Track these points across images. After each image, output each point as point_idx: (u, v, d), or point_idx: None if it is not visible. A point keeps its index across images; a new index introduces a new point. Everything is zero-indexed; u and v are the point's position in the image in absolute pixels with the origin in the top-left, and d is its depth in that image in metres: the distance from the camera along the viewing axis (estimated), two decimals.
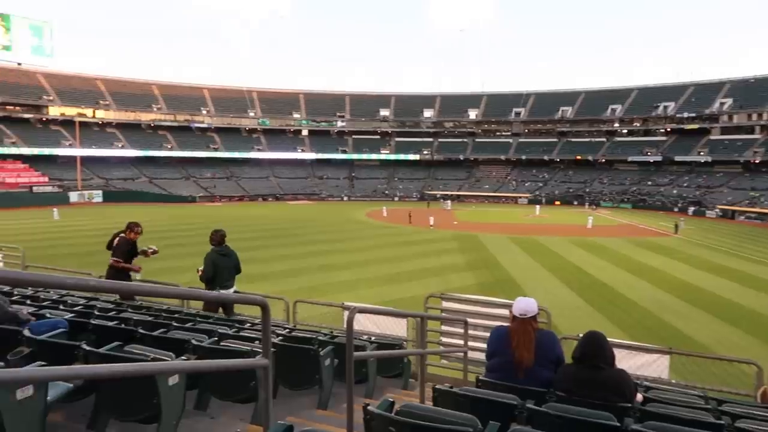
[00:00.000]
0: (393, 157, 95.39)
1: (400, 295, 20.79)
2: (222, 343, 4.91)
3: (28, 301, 6.91)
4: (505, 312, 8.37)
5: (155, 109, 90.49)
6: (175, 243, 32.23)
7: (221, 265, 8.98)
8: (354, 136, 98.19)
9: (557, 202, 78.25)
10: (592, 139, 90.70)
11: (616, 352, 4.16)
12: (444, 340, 8.97)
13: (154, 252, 9.35)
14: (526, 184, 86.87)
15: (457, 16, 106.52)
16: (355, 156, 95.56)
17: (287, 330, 7.08)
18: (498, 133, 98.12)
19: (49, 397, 3.11)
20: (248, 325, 7.01)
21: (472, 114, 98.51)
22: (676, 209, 66.65)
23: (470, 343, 8.07)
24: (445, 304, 9.31)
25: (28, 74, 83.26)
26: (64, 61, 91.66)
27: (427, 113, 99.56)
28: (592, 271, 27.54)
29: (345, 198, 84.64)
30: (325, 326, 9.42)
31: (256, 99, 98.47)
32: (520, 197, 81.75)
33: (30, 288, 7.47)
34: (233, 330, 5.99)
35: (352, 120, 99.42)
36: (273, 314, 3.46)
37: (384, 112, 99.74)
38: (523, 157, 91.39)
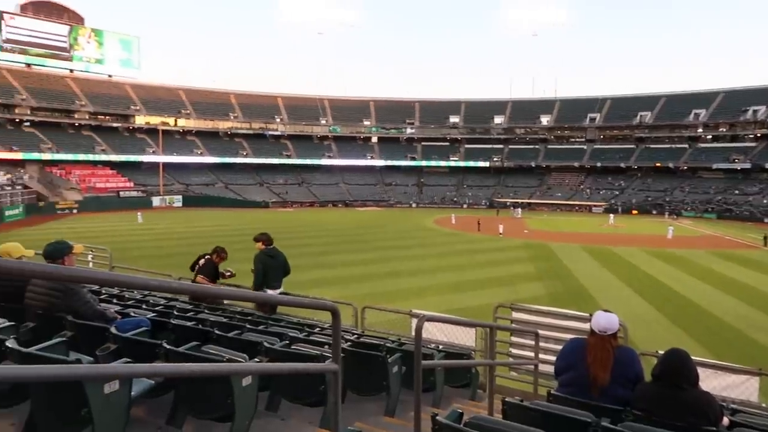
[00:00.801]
0: (462, 164, 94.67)
1: (468, 303, 20.55)
2: (293, 347, 5.01)
3: (115, 300, 7.32)
4: (577, 325, 8.10)
5: (232, 118, 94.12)
6: (246, 247, 33.27)
7: (270, 266, 9.21)
8: (423, 143, 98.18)
9: (634, 211, 75.02)
10: (673, 146, 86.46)
11: (700, 371, 3.92)
12: (513, 351, 8.78)
13: (232, 275, 9.73)
14: (601, 192, 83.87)
15: (529, 21, 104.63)
16: (423, 163, 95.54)
17: (356, 336, 7.14)
18: (571, 140, 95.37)
19: (133, 393, 3.28)
20: (318, 329, 7.13)
21: (545, 120, 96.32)
22: (766, 220, 62.39)
23: (541, 356, 7.86)
24: (515, 315, 9.12)
25: (118, 86, 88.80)
26: (150, 73, 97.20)
27: (498, 119, 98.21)
28: (672, 284, 26.20)
29: (413, 205, 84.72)
30: (392, 333, 9.44)
31: (328, 107, 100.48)
32: (595, 206, 78.98)
33: (116, 288, 7.90)
34: (303, 334, 6.10)
35: (421, 127, 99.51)
36: (342, 319, 3.50)
37: (454, 119, 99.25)
38: (598, 164, 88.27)
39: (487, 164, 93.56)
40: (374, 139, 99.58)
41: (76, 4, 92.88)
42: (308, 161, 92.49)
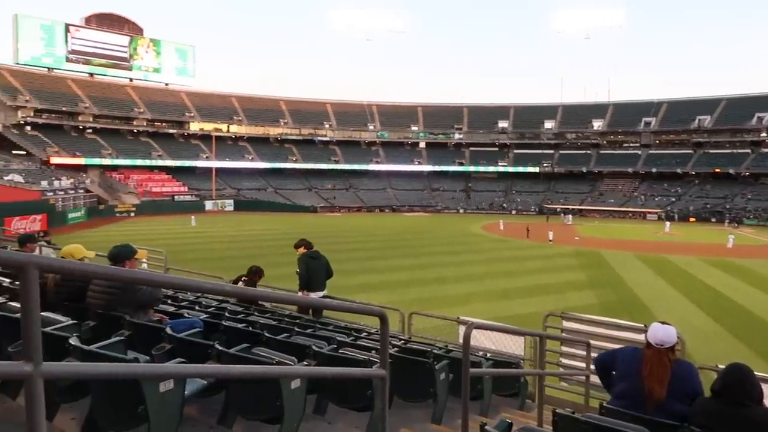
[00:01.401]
0: (511, 169, 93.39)
1: (516, 311, 20.23)
2: (340, 351, 5.04)
3: (169, 301, 7.57)
4: (631, 336, 7.87)
5: (282, 124, 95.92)
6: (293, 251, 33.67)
7: (312, 268, 9.33)
8: (471, 149, 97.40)
9: (692, 219, 72.20)
10: (735, 151, 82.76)
11: (764, 387, 3.74)
12: (564, 361, 8.58)
13: None
14: (656, 199, 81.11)
15: (582, 23, 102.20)
16: (471, 168, 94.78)
17: (403, 341, 7.14)
18: (625, 145, 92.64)
19: (186, 392, 3.37)
20: (365, 334, 7.15)
21: (597, 124, 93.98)
22: None
23: (593, 367, 7.64)
24: (566, 324, 8.91)
25: (174, 93, 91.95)
26: (204, 81, 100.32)
27: (548, 124, 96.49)
28: (732, 295, 25.07)
29: (461, 210, 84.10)
30: (439, 339, 9.38)
31: (376, 112, 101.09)
32: (649, 213, 76.40)
33: (172, 289, 8.13)
34: (351, 338, 6.14)
35: (469, 132, 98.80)
36: (389, 325, 3.50)
37: (503, 124, 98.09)
38: (653, 170, 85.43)
39: (536, 170, 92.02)
40: (422, 145, 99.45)
41: (136, 16, 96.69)
42: (356, 166, 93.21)
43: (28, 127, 73.81)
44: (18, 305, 4.29)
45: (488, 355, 7.81)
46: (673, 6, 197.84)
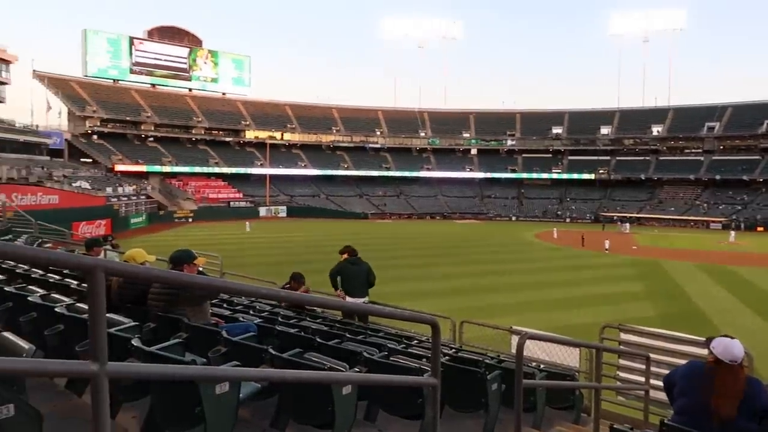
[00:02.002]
0: (565, 176, 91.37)
1: (570, 322, 19.70)
2: (391, 358, 5.04)
3: (225, 305, 7.76)
4: (693, 350, 7.53)
5: (334, 132, 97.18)
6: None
7: (350, 274, 9.37)
8: (524, 155, 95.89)
9: (759, 228, 68.62)
10: None
11: None
12: (621, 375, 8.29)
13: None
14: (720, 207, 77.58)
15: (640, 26, 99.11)
16: (524, 175, 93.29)
17: (454, 350, 7.08)
18: (686, 151, 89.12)
19: (241, 395, 3.44)
20: (415, 341, 7.13)
21: (656, 130, 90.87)
22: None
23: (653, 381, 7.36)
24: (624, 336, 8.62)
25: (230, 102, 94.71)
26: (259, 90, 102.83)
27: (604, 130, 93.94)
28: None
29: (513, 218, 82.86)
30: (491, 349, 9.25)
31: (427, 119, 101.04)
32: (712, 221, 73.10)
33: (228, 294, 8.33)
34: (402, 346, 6.13)
35: (522, 138, 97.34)
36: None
37: (556, 130, 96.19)
38: (717, 177, 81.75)
39: (592, 176, 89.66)
40: (473, 151, 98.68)
41: (196, 28, 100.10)
42: (407, 173, 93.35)
43: (95, 137, 77.58)
44: (85, 306, 4.50)
45: (542, 366, 7.64)
46: (737, 5, 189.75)
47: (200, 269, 5.83)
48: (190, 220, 65.76)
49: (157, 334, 4.64)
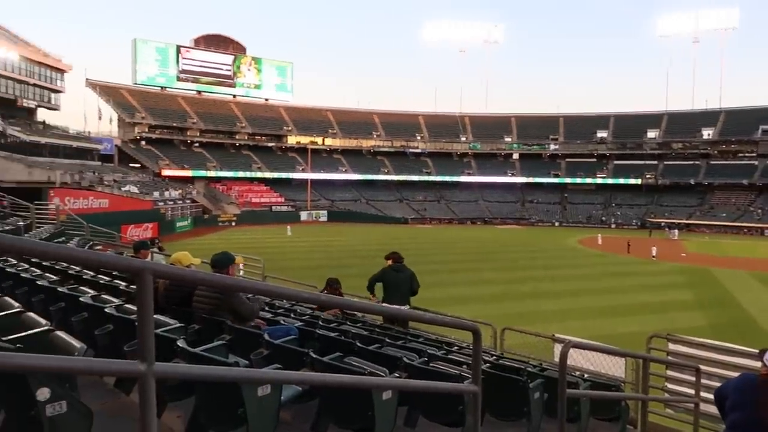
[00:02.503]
0: (610, 181, 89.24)
1: (614, 330, 19.20)
2: (431, 364, 5.00)
3: (266, 308, 7.86)
4: (746, 362, 7.23)
5: (375, 136, 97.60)
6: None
7: (392, 281, 9.29)
8: (567, 159, 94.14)
9: None
10: None
11: None
12: (669, 386, 8.02)
13: None
14: None
15: (689, 26, 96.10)
16: (568, 180, 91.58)
17: (495, 357, 6.98)
18: (739, 155, 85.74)
19: (282, 397, 3.47)
20: (456, 348, 7.07)
21: (707, 133, 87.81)
22: None
23: (703, 394, 7.09)
24: (672, 347, 8.34)
25: (273, 108, 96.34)
26: (300, 96, 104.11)
27: (651, 133, 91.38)
28: None
29: (556, 223, 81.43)
30: (533, 357, 9.09)
31: (468, 124, 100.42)
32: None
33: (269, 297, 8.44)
34: (442, 352, 6.08)
35: (565, 143, 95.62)
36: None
37: (601, 134, 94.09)
38: None
39: (638, 181, 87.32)
40: (515, 156, 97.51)
41: (240, 35, 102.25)
42: (447, 178, 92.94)
43: (143, 142, 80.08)
44: (133, 308, 4.63)
45: (586, 375, 7.46)
46: None
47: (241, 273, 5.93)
48: (233, 224, 67.03)
49: (201, 336, 4.73)
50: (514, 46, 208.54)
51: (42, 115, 68.63)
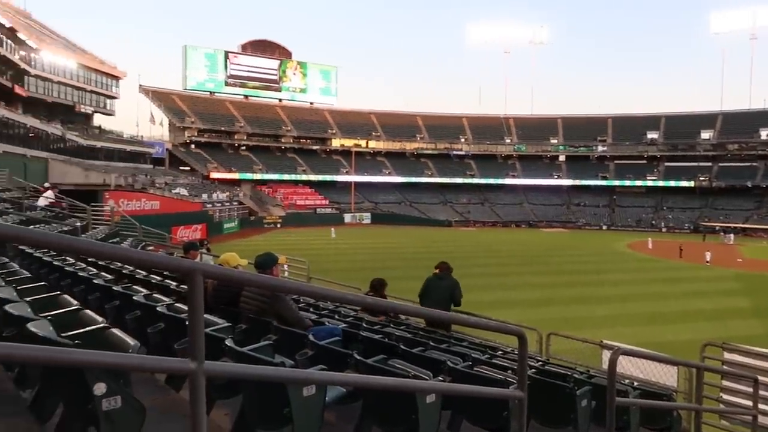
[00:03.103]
0: (661, 183, 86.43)
1: (666, 338, 18.61)
2: (476, 369, 4.96)
3: (311, 309, 7.95)
4: None
5: (418, 139, 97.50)
6: (426, 265, 33.76)
7: (430, 290, 9.27)
8: (616, 161, 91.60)
9: None
10: None
11: None
12: (725, 397, 7.71)
13: None
14: None
15: (746, 22, 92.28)
16: (616, 182, 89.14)
17: (540, 363, 6.86)
18: None
19: (327, 398, 3.50)
20: (500, 352, 6.98)
21: (765, 134, 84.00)
22: None
23: (761, 406, 6.79)
24: (728, 356, 8.01)
25: (317, 112, 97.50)
26: (344, 99, 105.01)
27: (705, 134, 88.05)
28: None
29: (603, 227, 79.46)
30: (579, 363, 8.89)
31: (513, 126, 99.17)
32: None
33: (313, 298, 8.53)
34: (486, 356, 6.02)
35: (614, 144, 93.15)
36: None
37: (652, 135, 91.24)
38: None
39: (691, 184, 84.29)
40: (561, 158, 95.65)
41: (286, 40, 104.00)
42: (491, 181, 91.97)
43: (193, 146, 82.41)
44: (183, 307, 4.76)
45: (635, 384, 7.24)
46: None
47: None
48: (279, 225, 68.07)
49: (248, 335, 4.82)
50: (560, 47, 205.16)
51: (98, 120, 71.50)
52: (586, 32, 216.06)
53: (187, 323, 1.85)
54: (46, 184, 25.21)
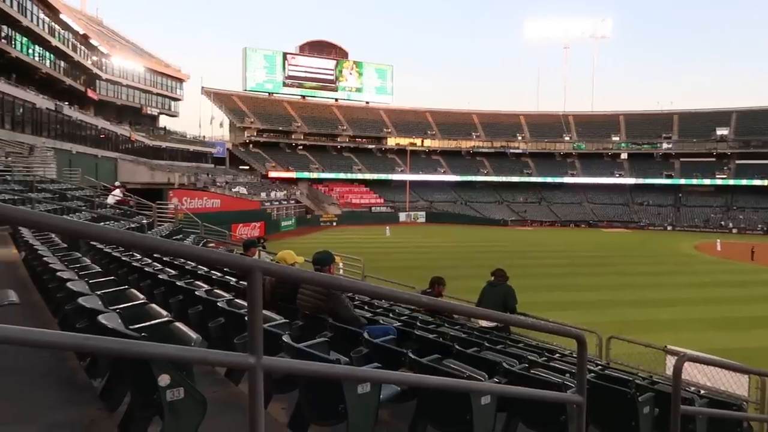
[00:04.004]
0: (732, 182, 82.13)
1: (734, 344, 17.70)
2: (532, 371, 4.87)
3: (366, 307, 8.01)
4: None
5: (474, 137, 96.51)
6: (482, 264, 33.33)
7: (483, 296, 9.15)
8: (682, 159, 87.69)
9: None
10: None
11: None
12: None
13: None
14: None
15: None
16: (682, 181, 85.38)
17: (600, 367, 6.67)
18: None
19: (381, 396, 3.51)
20: (558, 355, 6.83)
21: None
22: None
23: None
24: None
25: (373, 111, 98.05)
26: (400, 98, 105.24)
27: None
28: None
29: (668, 227, 76.38)
30: (642, 368, 8.58)
31: (572, 123, 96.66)
32: None
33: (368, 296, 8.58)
34: (543, 359, 5.90)
35: (680, 141, 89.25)
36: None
37: (721, 131, 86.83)
38: None
39: (765, 182, 79.66)
40: (623, 156, 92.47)
41: (342, 40, 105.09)
42: (549, 179, 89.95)
43: (252, 146, 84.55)
44: (242, 302, 4.89)
45: (702, 392, 6.92)
46: None
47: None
48: (334, 224, 68.89)
49: (305, 332, 4.90)
50: (622, 41, 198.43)
51: (163, 121, 74.45)
52: (650, 24, 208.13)
53: (246, 319, 1.90)
54: (116, 183, 26.42)
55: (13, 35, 38.85)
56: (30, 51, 41.89)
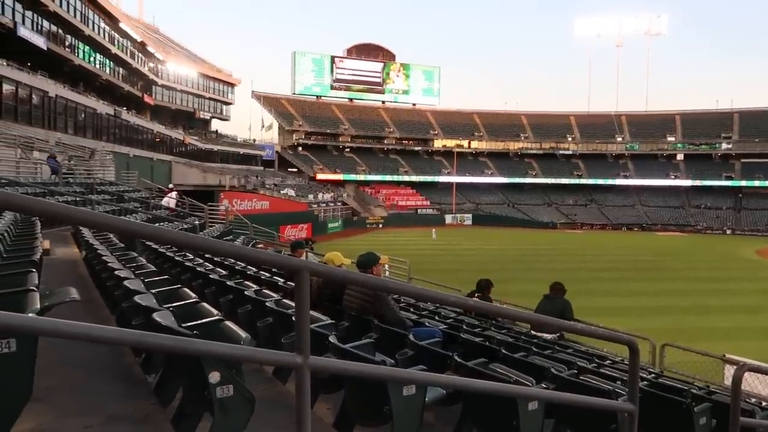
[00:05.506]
0: None
1: None
2: (581, 377, 4.76)
3: (411, 309, 8.01)
4: None
5: (522, 138, 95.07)
6: (531, 267, 32.80)
7: (541, 310, 8.99)
8: (743, 160, 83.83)
9: None
10: None
11: None
12: None
13: None
14: None
15: None
16: (743, 183, 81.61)
17: (653, 375, 6.46)
18: None
19: (426, 399, 3.51)
20: (608, 362, 6.65)
21: None
22: None
23: None
24: None
25: (420, 113, 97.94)
26: (446, 100, 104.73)
27: None
28: None
29: (728, 231, 73.19)
30: (698, 378, 8.27)
31: (625, 123, 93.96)
32: None
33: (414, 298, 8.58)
34: (593, 365, 5.76)
35: (741, 141, 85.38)
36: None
37: None
38: None
39: None
40: (679, 156, 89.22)
41: (389, 43, 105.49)
42: (600, 181, 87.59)
43: (300, 148, 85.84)
44: (290, 303, 4.97)
45: (764, 403, 6.62)
46: None
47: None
48: (381, 226, 69.08)
49: (350, 333, 4.94)
50: (678, 37, 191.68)
51: (215, 125, 76.45)
52: (708, 20, 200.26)
53: (293, 319, 1.93)
54: (171, 185, 27.31)
55: (76, 44, 40.75)
56: (91, 59, 43.83)
